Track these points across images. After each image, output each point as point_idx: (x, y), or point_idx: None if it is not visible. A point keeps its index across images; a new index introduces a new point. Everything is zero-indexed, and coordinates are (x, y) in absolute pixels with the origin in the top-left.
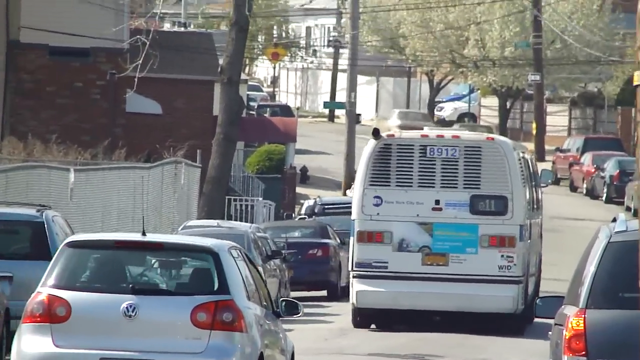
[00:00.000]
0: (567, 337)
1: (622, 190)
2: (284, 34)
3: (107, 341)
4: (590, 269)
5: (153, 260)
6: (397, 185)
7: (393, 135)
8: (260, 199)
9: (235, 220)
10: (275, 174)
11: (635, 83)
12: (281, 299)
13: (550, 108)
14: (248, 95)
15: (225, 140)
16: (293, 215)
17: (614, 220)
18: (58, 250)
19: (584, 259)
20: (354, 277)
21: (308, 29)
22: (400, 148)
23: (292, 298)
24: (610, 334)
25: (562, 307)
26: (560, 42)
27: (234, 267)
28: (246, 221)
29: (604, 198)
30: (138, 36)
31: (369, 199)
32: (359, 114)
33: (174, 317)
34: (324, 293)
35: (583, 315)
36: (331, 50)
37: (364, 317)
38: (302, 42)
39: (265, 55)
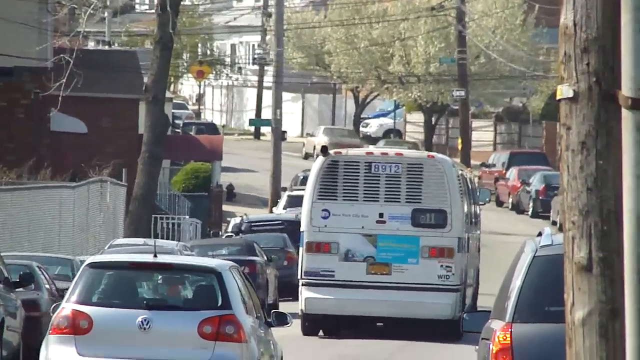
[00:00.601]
0: (493, 352)
1: (548, 205)
2: (208, 52)
3: (125, 351)
4: (516, 283)
5: (164, 279)
6: (343, 199)
7: (340, 153)
8: (187, 217)
9: (162, 238)
10: (201, 192)
11: (558, 97)
12: (273, 311)
13: (475, 123)
14: (173, 113)
15: (151, 159)
16: (220, 232)
17: (540, 234)
18: (80, 270)
19: (509, 274)
20: (302, 284)
21: (233, 46)
22: (346, 164)
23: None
24: (537, 348)
25: (489, 321)
26: (484, 57)
27: (234, 284)
28: (173, 239)
29: (529, 212)
30: (62, 55)
31: (317, 211)
32: (285, 131)
33: (183, 329)
34: None
35: (509, 330)
36: (256, 67)
37: (312, 323)
38: (227, 60)
39: (190, 73)
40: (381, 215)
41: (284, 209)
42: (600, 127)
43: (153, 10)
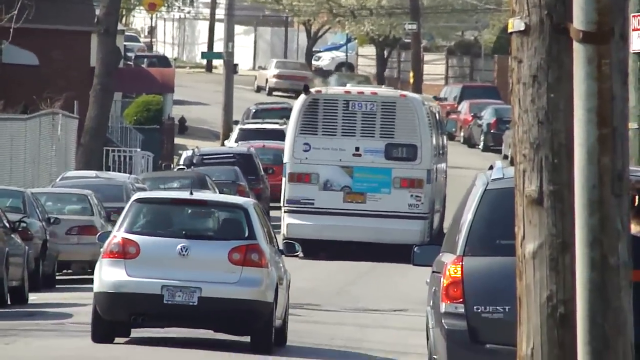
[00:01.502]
0: (444, 285)
1: (500, 138)
2: None
3: (166, 273)
4: (468, 216)
5: (199, 213)
6: (323, 134)
7: (320, 91)
8: (139, 150)
9: (114, 171)
10: (153, 125)
11: (509, 30)
12: (284, 241)
13: (427, 57)
14: (125, 46)
15: (103, 91)
16: (172, 166)
17: (491, 168)
18: (128, 204)
19: (461, 207)
20: (285, 212)
21: None
22: (326, 102)
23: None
24: (487, 281)
25: (440, 254)
26: None
27: (257, 219)
28: (124, 172)
29: (481, 146)
30: None
31: (299, 145)
32: (237, 64)
33: (215, 256)
34: None
35: (460, 263)
36: (208, 0)
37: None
38: None
39: (142, 5)
40: (357, 149)
41: (235, 142)
42: (552, 61)
43: None
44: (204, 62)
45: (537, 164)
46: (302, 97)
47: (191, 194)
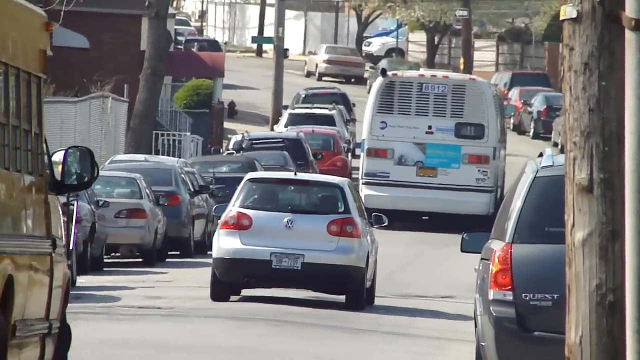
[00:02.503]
0: (493, 272)
1: (549, 126)
2: None
3: (275, 242)
4: (517, 203)
5: (302, 191)
6: (398, 113)
7: (396, 74)
8: (188, 133)
9: (163, 155)
10: (203, 109)
11: (561, 17)
12: (373, 214)
13: (477, 43)
14: (176, 29)
15: (153, 75)
16: (221, 150)
17: (541, 155)
18: (242, 183)
19: (510, 194)
20: (362, 183)
21: None
22: (402, 84)
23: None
24: (536, 268)
25: (489, 241)
26: None
27: (352, 196)
28: (174, 156)
29: (531, 133)
30: None
31: (376, 123)
32: (287, 49)
33: (316, 228)
34: None
35: (509, 250)
36: None
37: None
38: None
39: None
40: (429, 127)
41: (285, 127)
42: (604, 48)
43: None
44: (254, 46)
45: (588, 152)
46: (380, 79)
47: (295, 174)
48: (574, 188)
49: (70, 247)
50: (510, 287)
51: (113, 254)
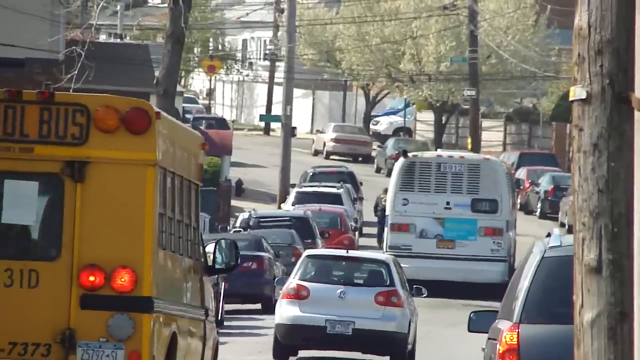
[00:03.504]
0: (500, 352)
1: (557, 206)
2: (220, 47)
3: (329, 310)
4: (524, 283)
5: (353, 266)
6: (419, 191)
7: (416, 155)
8: None
9: None
10: (210, 187)
11: (571, 98)
12: (415, 286)
13: (485, 123)
14: (184, 107)
15: None
16: (228, 227)
17: (549, 235)
18: (301, 259)
19: (518, 274)
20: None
21: (244, 41)
22: (421, 164)
23: (227, 311)
24: (544, 349)
25: (496, 321)
26: (495, 57)
27: (396, 270)
28: None
29: (538, 213)
30: (74, 47)
31: (399, 200)
32: (295, 127)
33: (365, 298)
34: (258, 306)
35: (517, 330)
36: (267, 63)
37: None
38: (238, 55)
39: (201, 67)
40: (448, 203)
41: (292, 205)
42: (613, 129)
43: (165, 4)
44: (262, 124)
45: (597, 233)
46: (402, 159)
47: (347, 252)
48: (583, 269)
49: (219, 319)
50: None
51: None
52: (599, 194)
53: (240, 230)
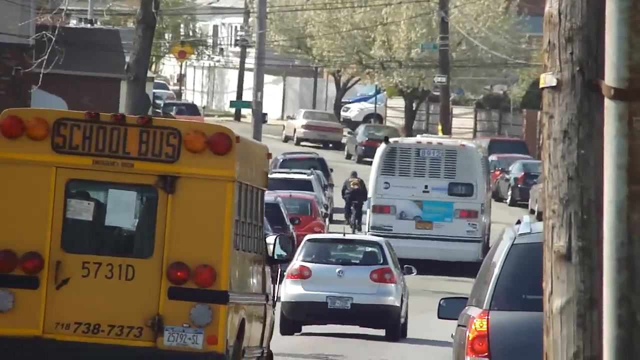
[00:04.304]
0: (470, 338)
1: (527, 193)
2: (190, 33)
3: (329, 288)
4: (494, 270)
5: (349, 248)
6: (399, 175)
7: (397, 141)
8: None
9: None
10: None
11: (541, 85)
12: (405, 265)
13: (456, 110)
14: (154, 93)
15: None
16: None
17: (518, 222)
18: (302, 242)
19: (488, 261)
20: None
21: (215, 27)
22: (402, 150)
23: None
24: (513, 336)
25: (466, 308)
26: (466, 44)
27: (388, 250)
28: None
29: (508, 201)
30: (44, 32)
31: (380, 183)
32: (265, 114)
33: (361, 276)
34: None
35: (486, 317)
36: (238, 49)
37: None
38: (209, 41)
39: (171, 53)
40: (426, 186)
41: None
42: (583, 117)
43: None
44: (233, 110)
45: (567, 220)
46: (383, 145)
47: (344, 235)
48: (552, 256)
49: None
50: (487, 354)
51: None
52: (569, 181)
53: None
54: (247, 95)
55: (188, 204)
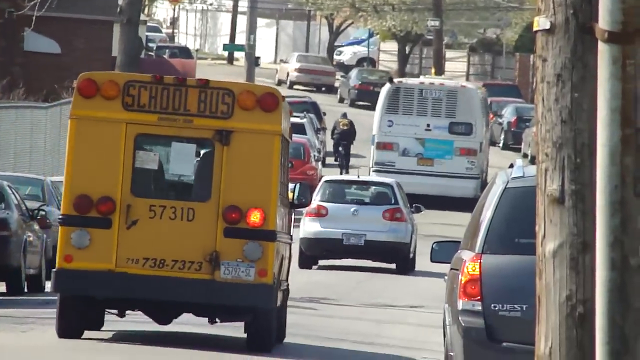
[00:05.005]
0: (462, 282)
1: (519, 137)
2: None
3: (345, 225)
4: (487, 214)
5: (363, 188)
6: (402, 113)
7: (401, 82)
8: None
9: None
10: None
11: (534, 29)
12: (414, 205)
13: (449, 54)
14: (147, 36)
15: None
16: None
17: (511, 166)
18: (320, 183)
19: (480, 205)
20: (373, 171)
21: None
22: (405, 89)
23: None
24: (505, 279)
25: (459, 252)
26: None
27: (399, 191)
28: None
29: (501, 144)
30: None
31: (384, 121)
32: (258, 57)
33: (374, 215)
34: None
35: (479, 260)
36: None
37: None
38: None
39: None
40: (428, 125)
41: None
42: (577, 60)
43: None
44: (226, 54)
45: (560, 163)
46: (387, 85)
47: (358, 177)
48: (545, 199)
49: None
50: (479, 297)
51: None
52: (562, 124)
53: None
54: (240, 39)
55: (241, 155)
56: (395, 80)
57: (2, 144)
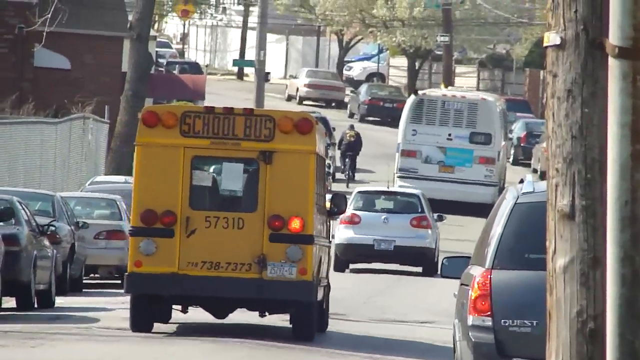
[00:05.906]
0: (472, 297)
1: (529, 152)
2: None
3: (376, 232)
4: (497, 229)
5: (392, 199)
6: (426, 123)
7: (425, 93)
8: None
9: None
10: None
11: (545, 44)
12: (437, 214)
13: (458, 69)
14: (157, 52)
15: (134, 97)
16: None
17: (522, 181)
18: (353, 194)
19: (490, 220)
20: (397, 177)
21: None
22: (429, 101)
23: None
24: (516, 295)
25: (469, 267)
26: (469, 2)
27: (424, 201)
28: None
29: (511, 160)
30: None
31: (409, 130)
32: (268, 73)
33: (402, 223)
34: None
35: (489, 276)
36: (241, 8)
37: None
38: (212, 0)
39: (174, 12)
40: (449, 135)
41: None
42: (587, 75)
43: None
44: (236, 69)
45: (570, 179)
46: (412, 97)
47: (388, 187)
48: (556, 215)
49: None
50: (489, 313)
51: (92, 275)
52: (573, 139)
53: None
54: (250, 54)
55: (281, 171)
56: (420, 92)
57: (12, 160)
